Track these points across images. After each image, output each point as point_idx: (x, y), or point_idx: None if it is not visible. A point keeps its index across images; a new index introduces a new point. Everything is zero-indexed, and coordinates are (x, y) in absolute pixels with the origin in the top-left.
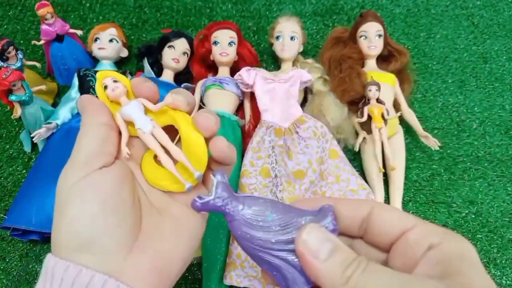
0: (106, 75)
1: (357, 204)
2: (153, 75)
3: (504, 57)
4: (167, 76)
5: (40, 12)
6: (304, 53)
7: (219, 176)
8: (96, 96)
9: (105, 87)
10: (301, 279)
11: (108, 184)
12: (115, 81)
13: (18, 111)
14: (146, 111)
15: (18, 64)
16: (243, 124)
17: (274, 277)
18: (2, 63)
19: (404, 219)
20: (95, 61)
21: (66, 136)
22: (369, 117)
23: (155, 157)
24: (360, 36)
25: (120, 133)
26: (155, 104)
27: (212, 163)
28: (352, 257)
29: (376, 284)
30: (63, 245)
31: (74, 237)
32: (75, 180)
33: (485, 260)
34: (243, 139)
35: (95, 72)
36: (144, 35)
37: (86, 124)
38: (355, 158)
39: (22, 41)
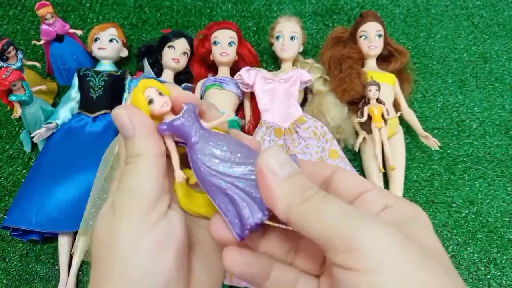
0: (149, 85)
1: (321, 165)
2: (153, 75)
3: (504, 57)
4: (167, 76)
5: (40, 12)
6: (304, 53)
7: (191, 105)
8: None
9: (151, 101)
10: (255, 208)
11: (183, 233)
12: (160, 94)
13: (18, 111)
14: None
15: (18, 64)
16: (243, 124)
17: (225, 211)
18: (2, 63)
19: (364, 182)
20: (95, 61)
21: (66, 136)
22: (369, 117)
23: (187, 181)
24: (360, 36)
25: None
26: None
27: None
28: (311, 184)
29: (331, 207)
30: None
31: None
32: (140, 231)
33: (485, 260)
34: None
35: (95, 72)
36: (144, 35)
37: (143, 154)
38: (355, 158)
39: (22, 41)
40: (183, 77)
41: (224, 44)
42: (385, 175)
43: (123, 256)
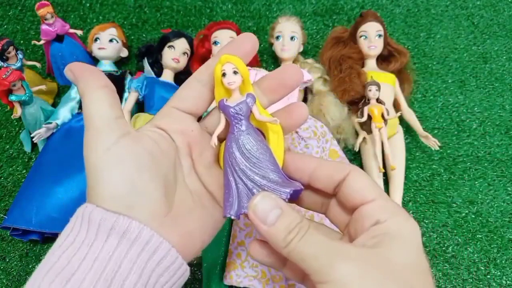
0: (228, 60)
1: (337, 166)
2: (153, 75)
3: (504, 57)
4: (167, 76)
5: (40, 12)
6: (304, 53)
7: (250, 98)
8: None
9: (223, 74)
10: (234, 207)
11: (142, 151)
12: (235, 72)
13: (18, 111)
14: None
15: (18, 64)
16: None
17: (224, 193)
18: (2, 63)
19: (367, 191)
20: (95, 61)
21: (66, 136)
22: (369, 117)
23: None
24: (360, 36)
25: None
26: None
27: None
28: (296, 223)
29: (308, 249)
30: (101, 202)
31: (112, 203)
32: (106, 146)
33: (485, 260)
34: None
35: None
36: (144, 35)
37: (87, 90)
38: (355, 158)
39: (22, 41)
40: (183, 77)
41: (224, 44)
42: (385, 175)
43: (94, 173)
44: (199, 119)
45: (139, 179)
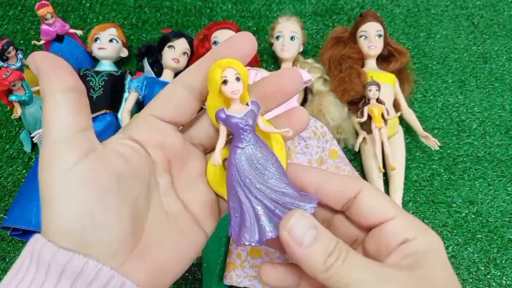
0: (230, 65)
1: (346, 183)
2: (153, 75)
3: (504, 57)
4: (167, 76)
5: (40, 12)
6: (304, 53)
7: (254, 106)
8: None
9: (224, 82)
10: (255, 232)
11: (107, 174)
12: (237, 79)
13: (18, 111)
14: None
15: (18, 64)
16: None
17: (232, 215)
18: (2, 63)
19: (386, 209)
20: (95, 61)
21: None
22: (369, 117)
23: (224, 162)
24: (360, 36)
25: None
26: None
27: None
28: (334, 244)
29: (354, 273)
30: (56, 237)
31: (70, 237)
32: (63, 168)
33: (485, 260)
34: None
35: (95, 72)
36: (144, 35)
37: (48, 91)
38: (355, 158)
39: (22, 41)
40: None
41: None
42: (385, 175)
43: (46, 197)
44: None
45: (100, 210)
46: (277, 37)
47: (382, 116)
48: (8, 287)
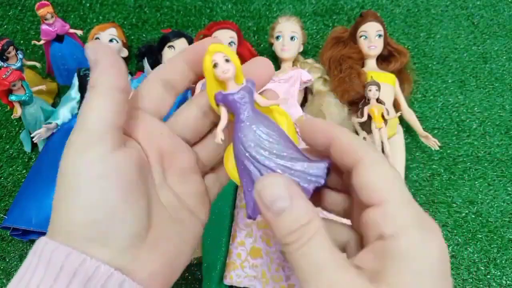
0: (217, 50)
1: (351, 146)
2: None
3: (504, 57)
4: None
5: (40, 12)
6: (304, 53)
7: (249, 82)
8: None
9: (215, 65)
10: (255, 204)
11: (132, 170)
12: (227, 61)
13: (18, 111)
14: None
15: (18, 64)
16: None
17: (246, 190)
18: (2, 63)
19: (378, 191)
20: None
21: (66, 136)
22: (369, 117)
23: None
24: (360, 36)
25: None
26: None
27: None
28: (304, 221)
29: (303, 262)
30: (72, 233)
31: (89, 227)
32: (92, 158)
33: (485, 260)
34: None
35: None
36: (144, 35)
37: (101, 85)
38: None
39: (22, 41)
40: None
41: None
42: None
43: (69, 184)
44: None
45: (122, 203)
46: (277, 37)
47: (382, 116)
48: None
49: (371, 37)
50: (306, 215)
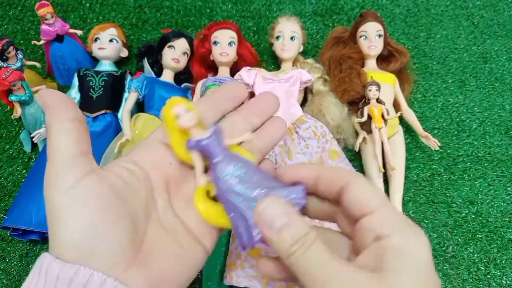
0: (176, 103)
1: (339, 174)
2: (153, 75)
3: (504, 57)
4: (167, 76)
5: (40, 12)
6: (304, 53)
7: (217, 126)
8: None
9: (177, 116)
10: (248, 233)
11: (106, 192)
12: (186, 111)
13: (18, 111)
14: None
15: (18, 64)
16: None
17: (237, 223)
18: (2, 63)
19: (368, 200)
20: (95, 61)
21: None
22: (369, 117)
23: (207, 193)
24: (360, 36)
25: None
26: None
27: None
28: (303, 233)
29: (308, 266)
30: (63, 253)
31: (75, 247)
32: (67, 186)
33: (485, 260)
34: None
35: (95, 72)
36: (144, 35)
37: (53, 122)
38: (355, 158)
39: (22, 41)
40: (183, 77)
41: (224, 44)
42: (385, 175)
43: (51, 212)
44: None
45: (102, 222)
46: (277, 37)
47: (382, 116)
48: None
49: (371, 37)
50: (304, 226)
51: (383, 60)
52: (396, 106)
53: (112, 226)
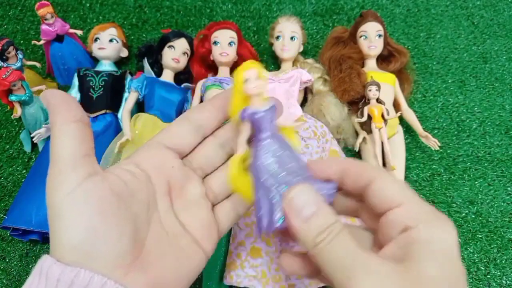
0: (251, 67)
1: (366, 168)
2: (153, 75)
3: (504, 57)
4: (167, 76)
5: (40, 12)
6: (304, 53)
7: (276, 102)
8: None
9: (246, 80)
10: (270, 217)
11: (107, 194)
12: (257, 78)
13: (18, 111)
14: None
15: (18, 64)
16: None
17: (261, 205)
18: (2, 63)
19: (395, 195)
20: (95, 61)
21: None
22: (369, 117)
23: (243, 161)
24: (360, 36)
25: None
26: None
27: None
28: (329, 223)
29: (334, 255)
30: (64, 255)
31: (75, 249)
32: (68, 189)
33: (485, 260)
34: None
35: (95, 72)
36: (144, 35)
37: (57, 123)
38: (355, 158)
39: (22, 41)
40: (183, 77)
41: (224, 44)
42: None
43: (53, 213)
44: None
45: (102, 225)
46: (277, 37)
47: (382, 116)
48: None
49: (371, 37)
50: (332, 216)
51: (383, 60)
52: (396, 106)
53: (113, 229)
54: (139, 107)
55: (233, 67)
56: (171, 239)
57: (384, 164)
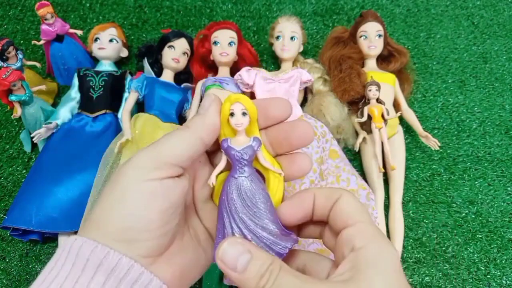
0: (238, 100)
1: (329, 194)
2: (153, 75)
3: (504, 57)
4: (167, 76)
5: (40, 12)
6: (304, 53)
7: (255, 142)
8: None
9: (231, 114)
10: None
11: (176, 196)
12: (244, 114)
13: (18, 111)
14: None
15: (18, 64)
16: None
17: (218, 233)
18: (2, 63)
19: (351, 214)
20: (95, 61)
21: (66, 136)
22: (369, 117)
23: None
24: (360, 36)
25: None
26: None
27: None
28: (267, 265)
29: None
30: (104, 231)
31: (123, 231)
32: (150, 177)
33: (485, 260)
34: None
35: (95, 72)
36: (144, 35)
37: (193, 126)
38: (355, 158)
39: (22, 41)
40: (183, 77)
41: (224, 44)
42: (385, 175)
43: (119, 192)
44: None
45: (157, 220)
46: (277, 37)
47: (382, 116)
48: (44, 282)
49: (371, 37)
50: (268, 257)
51: (383, 60)
52: (396, 106)
53: (162, 226)
54: (139, 107)
55: (233, 67)
56: (192, 232)
57: (384, 164)
